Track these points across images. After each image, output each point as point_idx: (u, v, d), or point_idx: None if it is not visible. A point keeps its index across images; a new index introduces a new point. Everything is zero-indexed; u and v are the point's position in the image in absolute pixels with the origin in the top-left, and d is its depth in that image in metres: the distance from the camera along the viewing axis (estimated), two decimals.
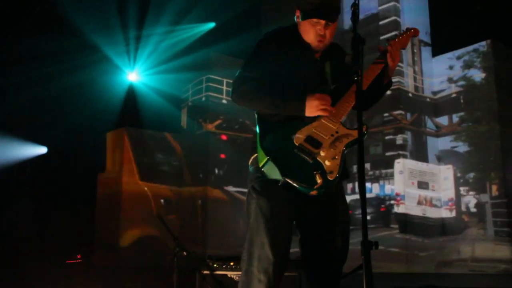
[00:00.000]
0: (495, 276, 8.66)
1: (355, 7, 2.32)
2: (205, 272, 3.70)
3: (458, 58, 10.20)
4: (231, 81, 9.40)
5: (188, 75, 10.29)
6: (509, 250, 8.95)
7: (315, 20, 2.69)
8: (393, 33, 9.38)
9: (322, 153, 2.51)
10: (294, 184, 2.50)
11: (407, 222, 9.25)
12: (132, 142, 10.11)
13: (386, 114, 9.83)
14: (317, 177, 2.45)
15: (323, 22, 2.69)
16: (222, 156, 10.20)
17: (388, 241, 9.39)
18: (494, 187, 9.38)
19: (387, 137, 9.76)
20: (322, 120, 2.61)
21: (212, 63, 10.20)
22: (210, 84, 10.17)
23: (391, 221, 9.42)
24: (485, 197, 9.55)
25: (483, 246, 9.34)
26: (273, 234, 2.55)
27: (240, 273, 3.71)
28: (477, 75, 9.93)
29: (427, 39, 10.63)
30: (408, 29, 3.04)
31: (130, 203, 9.78)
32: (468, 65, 10.07)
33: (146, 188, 9.94)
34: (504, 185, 8.97)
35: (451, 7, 10.07)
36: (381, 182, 9.75)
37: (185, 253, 3.63)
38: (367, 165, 10.04)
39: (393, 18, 10.09)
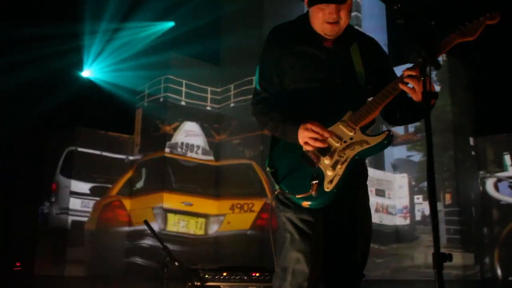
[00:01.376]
0: (447, 282, 8.89)
1: None
2: (197, 283, 3.45)
3: None
4: (191, 82, 9.15)
5: (145, 74, 9.89)
6: (461, 256, 9.27)
7: (323, 5, 2.39)
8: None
9: (326, 161, 2.30)
10: (287, 193, 2.34)
11: None
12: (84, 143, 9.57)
13: None
14: (313, 187, 2.24)
15: (333, 5, 2.38)
16: None
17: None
18: (447, 196, 9.70)
19: None
20: (339, 124, 2.36)
21: (172, 63, 9.87)
22: (169, 84, 9.82)
23: None
24: (438, 206, 9.79)
25: None
26: (307, 247, 2.33)
27: (233, 284, 3.52)
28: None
29: (386, 50, 10.82)
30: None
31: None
32: None
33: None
34: (457, 194, 9.30)
35: (407, 18, 10.40)
36: None
37: (176, 263, 3.36)
38: None
39: (354, 26, 10.20)
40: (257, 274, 3.59)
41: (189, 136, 9.87)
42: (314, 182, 2.25)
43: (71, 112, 9.52)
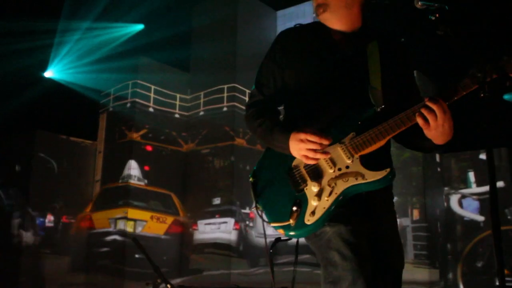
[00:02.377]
0: None
1: None
2: None
3: None
4: (160, 88, 8.87)
5: (112, 77, 9.48)
6: (428, 273, 9.33)
7: None
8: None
9: (313, 188, 1.97)
10: (263, 217, 2.04)
11: None
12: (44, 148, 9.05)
13: None
14: (293, 215, 1.93)
15: None
16: (146, 168, 9.49)
17: (314, 264, 9.32)
18: (415, 212, 9.76)
19: None
20: (338, 147, 2.02)
21: (141, 67, 9.51)
22: (137, 89, 9.45)
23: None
24: (406, 221, 9.92)
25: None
26: (361, 264, 1.97)
27: None
28: None
29: None
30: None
31: None
32: None
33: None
34: (425, 209, 9.37)
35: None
36: None
37: (169, 286, 3.10)
38: None
39: None
40: None
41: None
42: (294, 209, 1.95)
43: (31, 115, 8.95)
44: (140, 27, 9.94)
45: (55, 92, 9.33)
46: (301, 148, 1.95)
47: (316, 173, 1.99)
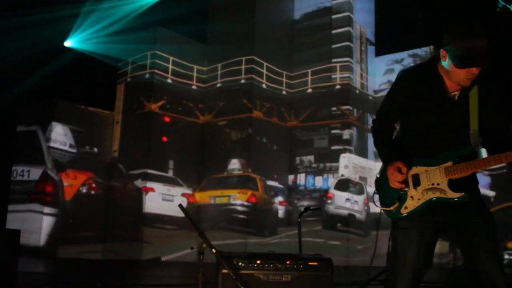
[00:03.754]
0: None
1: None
2: (231, 271, 3.35)
3: (398, 61, 10.62)
4: (178, 59, 8.92)
5: (130, 47, 9.51)
6: (438, 245, 9.44)
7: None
8: None
9: (413, 191, 2.68)
10: (377, 197, 2.79)
11: (348, 217, 9.49)
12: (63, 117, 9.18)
13: (334, 108, 9.92)
14: (395, 204, 2.70)
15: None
16: (164, 139, 9.62)
17: (329, 234, 9.54)
18: None
19: (333, 131, 9.86)
20: (438, 169, 2.68)
21: (159, 38, 9.54)
22: (156, 60, 9.50)
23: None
24: None
25: None
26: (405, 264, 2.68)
27: (266, 272, 3.44)
28: None
29: (372, 38, 10.92)
30: None
31: None
32: None
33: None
34: None
35: (396, 11, 10.45)
36: (325, 175, 9.85)
37: (213, 250, 3.24)
38: (311, 157, 10.10)
39: (346, 13, 10.19)
40: (291, 262, 3.52)
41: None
42: (396, 201, 2.69)
43: (52, 84, 9.03)
44: None
45: (75, 63, 9.37)
46: (389, 175, 2.70)
47: (416, 182, 2.69)
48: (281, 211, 10.11)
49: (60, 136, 9.03)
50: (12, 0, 7.53)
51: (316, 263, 3.51)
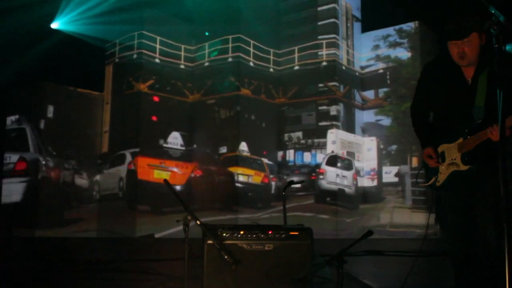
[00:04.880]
0: (409, 241, 9.44)
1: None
2: (216, 241, 3.52)
3: (384, 37, 10.73)
4: (165, 39, 8.96)
5: (118, 28, 9.53)
6: (424, 217, 9.79)
7: (453, 41, 3.04)
8: None
9: (442, 166, 3.20)
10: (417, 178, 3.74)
11: (338, 191, 9.72)
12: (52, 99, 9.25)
13: (321, 85, 10.05)
14: (432, 179, 3.27)
15: (458, 41, 3.02)
16: (154, 118, 9.73)
17: (318, 208, 9.77)
18: (414, 159, 10.13)
19: (320, 108, 10.01)
20: (454, 146, 3.14)
21: (146, 19, 9.56)
22: (143, 40, 9.55)
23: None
24: (405, 168, 10.30)
25: (401, 213, 10.12)
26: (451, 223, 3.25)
27: (249, 241, 3.61)
28: (403, 53, 10.53)
29: (358, 14, 10.99)
30: None
31: None
32: (394, 44, 10.63)
33: None
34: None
35: None
36: (313, 151, 10.03)
37: (198, 222, 3.41)
38: (299, 134, 10.27)
39: None
40: (273, 232, 3.70)
41: None
42: (434, 177, 3.24)
43: (40, 66, 9.06)
44: None
45: (63, 44, 9.38)
46: (424, 159, 3.30)
47: (443, 158, 3.19)
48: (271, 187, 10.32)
49: (174, 139, 9.89)
50: None
51: (297, 233, 3.67)
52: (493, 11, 2.11)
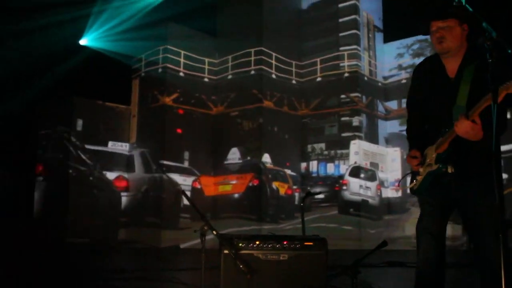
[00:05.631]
0: None
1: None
2: (231, 251, 3.61)
3: (408, 46, 10.71)
4: (189, 53, 9.16)
5: (143, 44, 9.82)
6: (450, 228, 9.62)
7: (433, 28, 2.90)
8: None
9: (420, 169, 3.01)
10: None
11: (362, 202, 9.71)
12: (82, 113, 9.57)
13: (343, 96, 10.09)
14: (413, 182, 3.06)
15: (436, 24, 2.88)
16: (179, 130, 9.93)
17: (341, 219, 9.76)
18: None
19: (343, 119, 10.04)
20: (433, 146, 2.96)
21: (170, 34, 9.81)
22: (168, 55, 9.79)
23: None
24: None
25: None
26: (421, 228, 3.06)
27: (265, 251, 3.70)
28: None
29: (380, 25, 11.01)
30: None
31: None
32: (417, 53, 10.59)
33: None
34: None
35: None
36: (336, 162, 10.05)
37: (214, 232, 3.51)
38: (322, 145, 10.31)
39: (352, 2, 10.29)
40: (288, 242, 3.76)
41: None
42: (414, 180, 3.06)
43: (69, 82, 9.40)
44: None
45: (91, 60, 9.72)
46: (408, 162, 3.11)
47: (423, 162, 3.00)
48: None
49: (233, 154, 10.18)
50: (26, 5, 7.86)
51: (311, 243, 3.74)
52: (485, 26, 2.15)
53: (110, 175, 9.89)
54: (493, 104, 2.23)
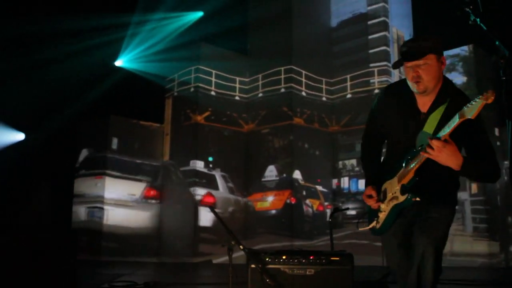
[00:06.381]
0: (473, 270, 9.09)
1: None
2: (258, 265, 3.69)
3: None
4: (220, 73, 9.37)
5: (175, 64, 10.13)
6: (487, 245, 9.42)
7: (409, 64, 2.66)
8: None
9: (382, 205, 2.82)
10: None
11: None
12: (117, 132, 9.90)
13: None
14: (373, 222, 2.88)
15: (412, 63, 2.64)
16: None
17: (373, 236, 9.62)
18: (473, 186, 9.83)
19: None
20: (394, 179, 2.77)
21: (202, 54, 10.07)
22: (200, 75, 10.04)
23: None
24: (464, 195, 10.01)
25: (461, 241, 9.80)
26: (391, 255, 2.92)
27: (291, 266, 3.75)
28: (458, 78, 10.38)
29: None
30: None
31: None
32: (449, 69, 10.50)
33: None
34: (484, 183, 9.42)
35: (434, 12, 10.47)
36: None
37: (241, 247, 3.60)
38: (353, 161, 10.30)
39: (382, 18, 10.35)
40: (314, 257, 3.81)
41: None
42: (375, 219, 2.86)
43: (105, 101, 9.78)
44: (199, 14, 10.46)
45: (126, 80, 10.09)
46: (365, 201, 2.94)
47: (384, 196, 2.83)
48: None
49: (270, 172, 10.33)
50: (70, 29, 8.29)
51: (337, 258, 3.79)
52: (498, 45, 2.19)
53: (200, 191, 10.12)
54: (508, 122, 2.21)
